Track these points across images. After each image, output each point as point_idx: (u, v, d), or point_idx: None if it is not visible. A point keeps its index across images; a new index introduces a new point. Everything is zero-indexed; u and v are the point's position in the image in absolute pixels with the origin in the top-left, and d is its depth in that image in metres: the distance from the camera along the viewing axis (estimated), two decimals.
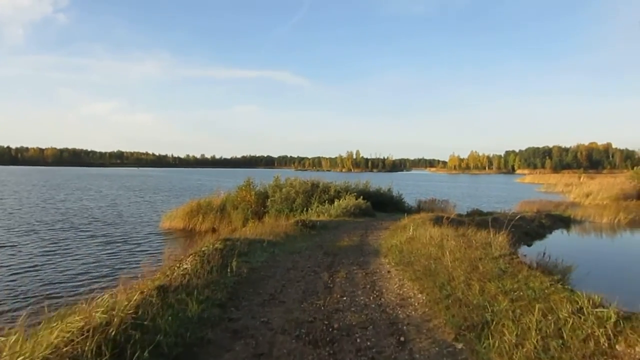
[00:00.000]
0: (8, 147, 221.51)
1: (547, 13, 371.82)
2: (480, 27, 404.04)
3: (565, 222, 26.46)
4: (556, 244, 20.78)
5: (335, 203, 21.63)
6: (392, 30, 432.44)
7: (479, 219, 22.29)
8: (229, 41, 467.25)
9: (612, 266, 15.62)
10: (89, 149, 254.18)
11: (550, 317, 3.98)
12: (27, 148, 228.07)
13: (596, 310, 3.85)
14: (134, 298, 4.63)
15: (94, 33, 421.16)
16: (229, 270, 6.92)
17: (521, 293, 4.83)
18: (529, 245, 21.00)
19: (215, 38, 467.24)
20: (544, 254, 10.96)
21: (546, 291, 4.75)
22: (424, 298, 5.83)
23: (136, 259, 15.76)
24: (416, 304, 5.70)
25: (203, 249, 7.51)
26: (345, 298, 6.16)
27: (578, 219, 27.23)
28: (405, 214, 18.13)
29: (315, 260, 8.84)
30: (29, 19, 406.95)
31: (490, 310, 4.58)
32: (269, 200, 24.42)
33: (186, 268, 6.66)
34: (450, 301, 5.24)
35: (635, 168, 60.49)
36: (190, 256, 7.32)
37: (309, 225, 14.22)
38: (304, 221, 14.53)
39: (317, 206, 22.15)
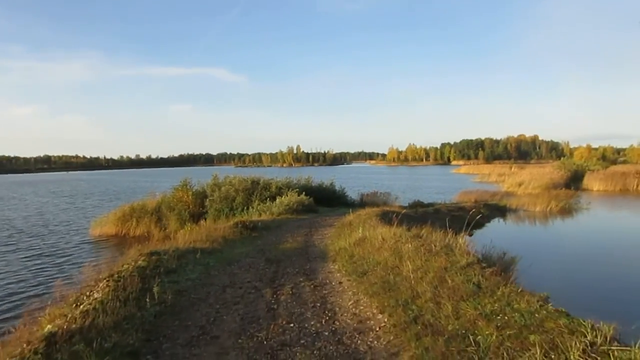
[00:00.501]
0: None
1: (475, 10, 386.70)
2: (413, 24, 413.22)
3: (501, 211, 27.16)
4: (496, 234, 20.99)
5: (277, 200, 20.62)
6: (328, 28, 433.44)
7: (422, 211, 22.25)
8: (163, 40, 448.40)
9: (554, 256, 15.89)
10: (12, 155, 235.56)
11: (555, 358, 3.15)
12: None
13: (614, 347, 3.07)
14: None
15: (13, 32, 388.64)
16: (149, 297, 5.69)
17: (506, 318, 4.03)
18: (470, 235, 21.11)
19: (149, 36, 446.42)
20: (488, 245, 10.74)
21: (537, 315, 3.95)
22: (385, 321, 4.94)
23: (59, 275, 14.08)
24: (377, 329, 4.81)
25: (121, 270, 6.21)
26: (292, 325, 5.18)
27: (513, 208, 28.11)
28: (350, 210, 17.37)
29: (257, 271, 7.81)
30: None
31: (472, 341, 3.74)
32: (207, 200, 22.94)
33: (96, 298, 5.38)
34: (419, 327, 4.33)
35: (561, 159, 64.40)
36: (104, 280, 6.00)
37: (250, 227, 13.10)
38: (244, 222, 13.39)
39: (259, 204, 21.05)
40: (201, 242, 9.66)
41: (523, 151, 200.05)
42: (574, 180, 44.26)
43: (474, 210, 25.41)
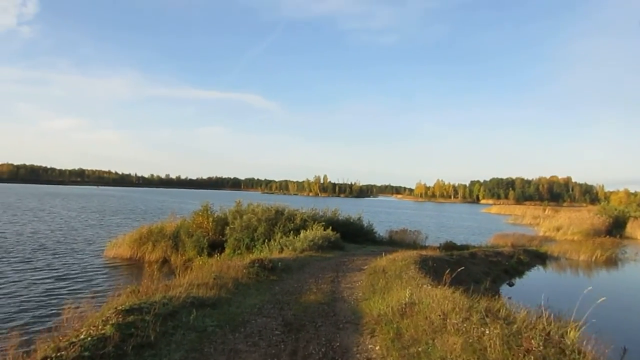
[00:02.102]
0: None
1: (508, 46, 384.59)
2: (447, 60, 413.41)
3: (541, 258, 25.38)
4: (540, 285, 19.06)
5: (302, 234, 18.94)
6: (361, 59, 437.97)
7: (457, 255, 20.23)
8: (198, 62, 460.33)
9: (613, 313, 13.76)
10: (49, 166, 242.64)
11: None
12: None
13: None
14: None
15: (59, 48, 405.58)
16: None
17: None
18: (511, 285, 18.93)
19: (184, 58, 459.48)
20: (542, 305, 8.62)
21: None
22: None
23: (63, 300, 12.54)
24: None
25: (70, 344, 4.42)
26: None
27: (554, 255, 26.29)
28: (378, 248, 15.51)
29: (269, 344, 5.88)
30: None
31: None
32: (228, 228, 21.50)
33: None
34: None
35: (601, 203, 61.07)
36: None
37: (268, 267, 11.39)
38: (262, 261, 11.67)
39: (281, 237, 19.42)
40: (206, 287, 7.92)
41: (555, 193, 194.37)
42: (616, 227, 41.95)
43: (513, 256, 23.58)
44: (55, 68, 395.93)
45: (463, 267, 9.46)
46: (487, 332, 4.61)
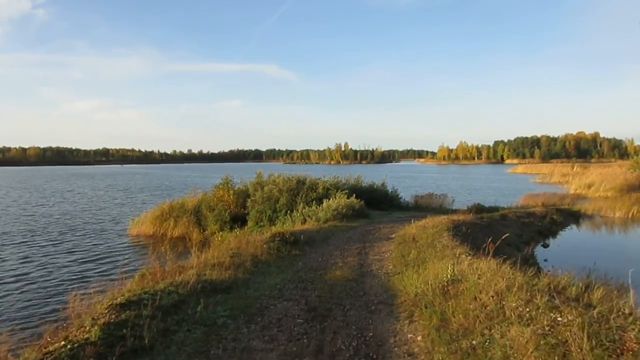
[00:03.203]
0: None
1: (533, 4, 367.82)
2: (466, 19, 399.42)
3: (574, 217, 24.24)
4: (576, 245, 18.50)
5: (324, 204, 18.12)
6: (378, 22, 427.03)
7: (488, 217, 19.23)
8: (214, 35, 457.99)
9: None
10: (74, 147, 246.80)
11: None
12: (9, 148, 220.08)
13: None
14: None
15: (75, 29, 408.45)
16: None
17: None
18: (545, 247, 17.91)
19: (200, 33, 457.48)
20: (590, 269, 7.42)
21: None
22: None
23: (79, 284, 12.34)
24: None
25: (57, 348, 3.65)
26: None
27: (588, 214, 25.16)
28: (413, 220, 14.58)
29: (289, 338, 5.00)
30: (7, 16, 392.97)
31: None
32: (249, 200, 20.85)
33: None
34: None
35: (634, 157, 58.27)
36: None
37: (290, 241, 10.64)
38: (284, 235, 10.91)
39: (304, 207, 18.66)
40: (222, 267, 7.16)
41: (582, 149, 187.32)
42: None
43: (546, 216, 22.42)
44: (72, 50, 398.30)
45: (507, 234, 8.38)
46: (560, 319, 3.67)
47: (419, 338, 4.64)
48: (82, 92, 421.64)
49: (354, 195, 19.90)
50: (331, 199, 18.87)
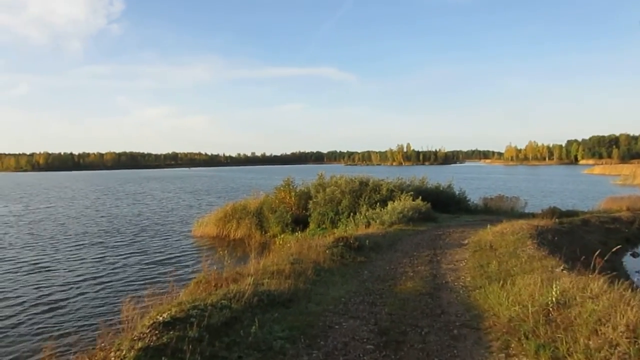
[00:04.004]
0: (71, 154, 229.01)
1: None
2: (526, 17, 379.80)
3: None
4: None
5: (389, 206, 17.28)
6: (437, 22, 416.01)
7: (568, 222, 17.47)
8: (273, 40, 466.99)
9: None
10: (146, 152, 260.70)
11: None
12: (88, 154, 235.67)
13: None
14: None
15: (145, 40, 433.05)
16: None
17: None
18: (636, 257, 15.94)
19: (260, 38, 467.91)
20: None
21: None
22: None
23: (138, 285, 12.74)
24: None
25: None
26: None
27: None
28: (489, 225, 13.34)
29: None
30: (85, 32, 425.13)
31: None
32: (310, 202, 20.39)
33: None
34: None
35: None
36: None
37: (355, 247, 9.92)
38: (348, 240, 10.20)
39: (367, 210, 17.88)
40: (281, 275, 6.53)
41: None
42: None
43: (634, 222, 20.19)
44: (143, 61, 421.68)
45: (619, 246, 7.10)
46: None
47: None
48: (152, 100, 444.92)
49: (420, 197, 18.86)
50: (396, 201, 17.97)
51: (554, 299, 4.65)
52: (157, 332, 3.90)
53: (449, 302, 6.11)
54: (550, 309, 4.52)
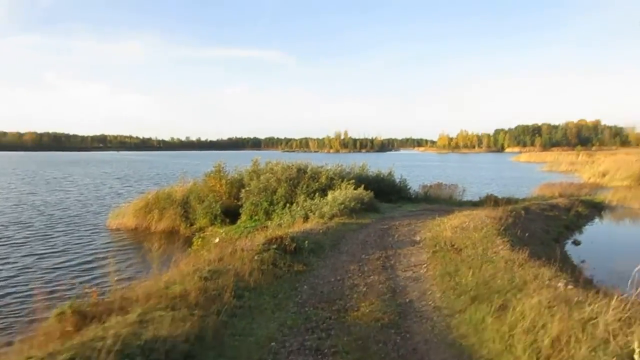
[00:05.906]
0: None
1: None
2: (467, 5, 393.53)
3: (597, 208, 22.14)
4: (609, 242, 16.52)
5: (329, 196, 15.54)
6: (378, 6, 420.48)
7: (511, 210, 16.75)
8: (216, 19, 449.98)
9: None
10: (71, 133, 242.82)
11: None
12: (5, 133, 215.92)
13: None
14: None
15: (78, 13, 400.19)
16: None
17: None
18: (577, 244, 15.41)
19: (203, 16, 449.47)
20: None
21: None
22: None
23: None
24: None
25: None
26: None
27: (612, 205, 23.16)
28: (437, 217, 11.95)
29: None
30: None
31: None
32: (243, 190, 18.25)
33: None
34: None
35: None
36: None
37: (290, 250, 7.99)
38: (282, 240, 8.23)
39: (305, 199, 16.06)
40: (184, 302, 4.43)
41: (583, 137, 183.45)
42: None
43: (571, 209, 20.03)
44: (75, 34, 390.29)
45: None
46: None
47: None
48: (82, 77, 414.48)
49: (362, 185, 17.36)
50: (336, 190, 16.30)
51: (553, 334, 2.94)
52: None
53: (426, 340, 4.30)
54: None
